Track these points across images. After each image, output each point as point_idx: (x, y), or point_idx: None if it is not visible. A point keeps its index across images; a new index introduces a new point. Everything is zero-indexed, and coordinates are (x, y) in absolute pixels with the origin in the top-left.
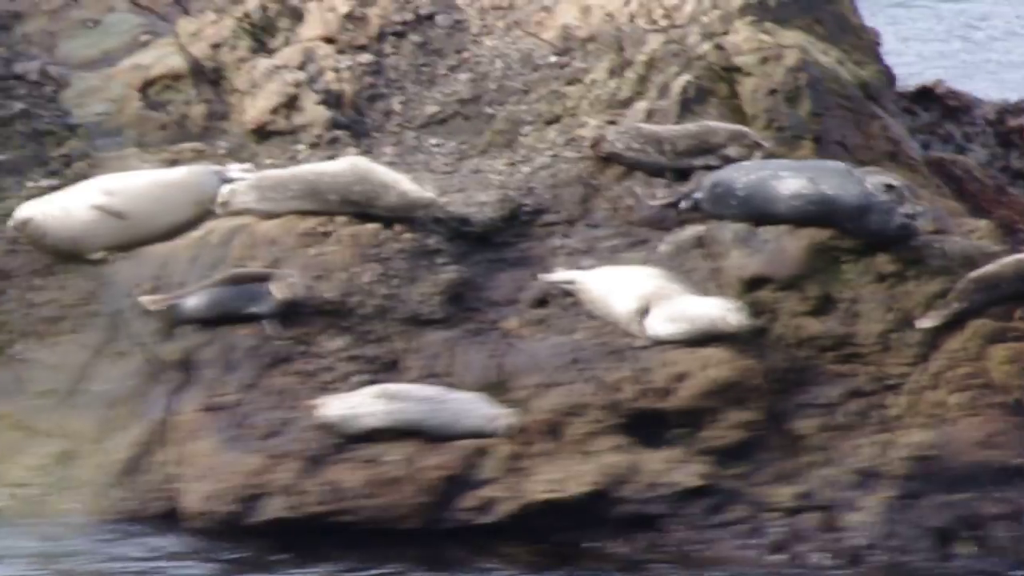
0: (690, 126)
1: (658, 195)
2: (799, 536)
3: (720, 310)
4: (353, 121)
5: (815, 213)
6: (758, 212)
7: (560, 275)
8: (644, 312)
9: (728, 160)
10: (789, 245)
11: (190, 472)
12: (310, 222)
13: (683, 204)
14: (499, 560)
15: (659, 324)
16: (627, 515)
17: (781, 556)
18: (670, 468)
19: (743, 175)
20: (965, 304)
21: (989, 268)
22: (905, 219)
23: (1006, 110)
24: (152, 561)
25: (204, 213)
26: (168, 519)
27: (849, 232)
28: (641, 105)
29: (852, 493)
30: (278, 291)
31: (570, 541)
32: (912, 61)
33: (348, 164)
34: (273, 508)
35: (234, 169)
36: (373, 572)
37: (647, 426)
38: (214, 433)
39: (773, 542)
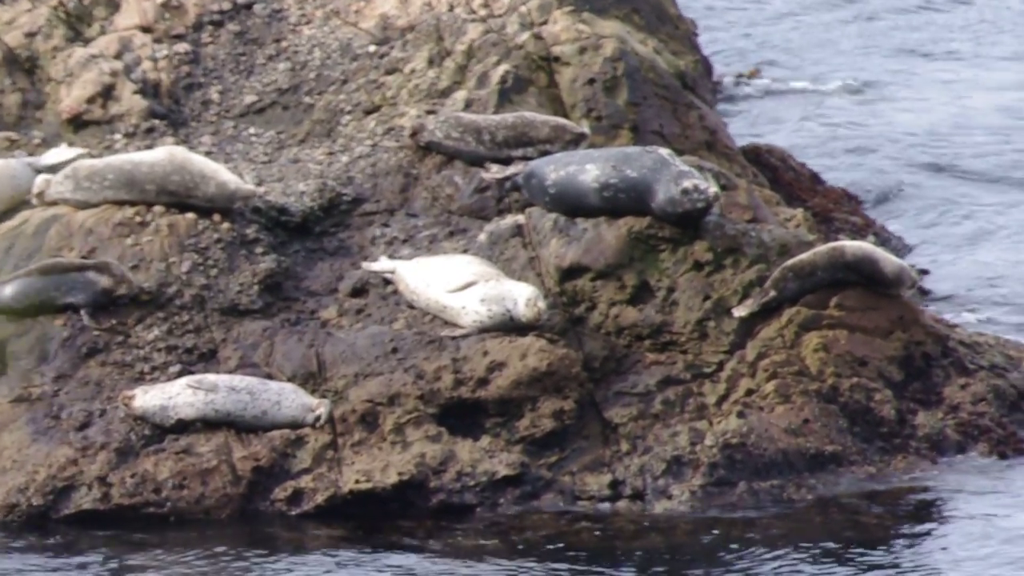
0: (510, 117)
1: (492, 169)
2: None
3: (520, 297)
4: (170, 110)
5: (623, 200)
6: (570, 206)
7: (379, 264)
8: (462, 298)
9: (547, 153)
10: (606, 234)
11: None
12: (127, 212)
13: (508, 185)
14: (315, 542)
15: (472, 307)
16: (441, 504)
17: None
18: (484, 457)
19: (552, 171)
20: (780, 292)
21: (804, 256)
22: (690, 187)
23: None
24: None
25: (18, 203)
26: None
27: (651, 212)
28: (460, 94)
29: (665, 481)
30: (107, 281)
31: (385, 526)
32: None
33: (166, 154)
34: (82, 501)
35: (51, 155)
36: (190, 555)
37: (464, 415)
38: (26, 425)
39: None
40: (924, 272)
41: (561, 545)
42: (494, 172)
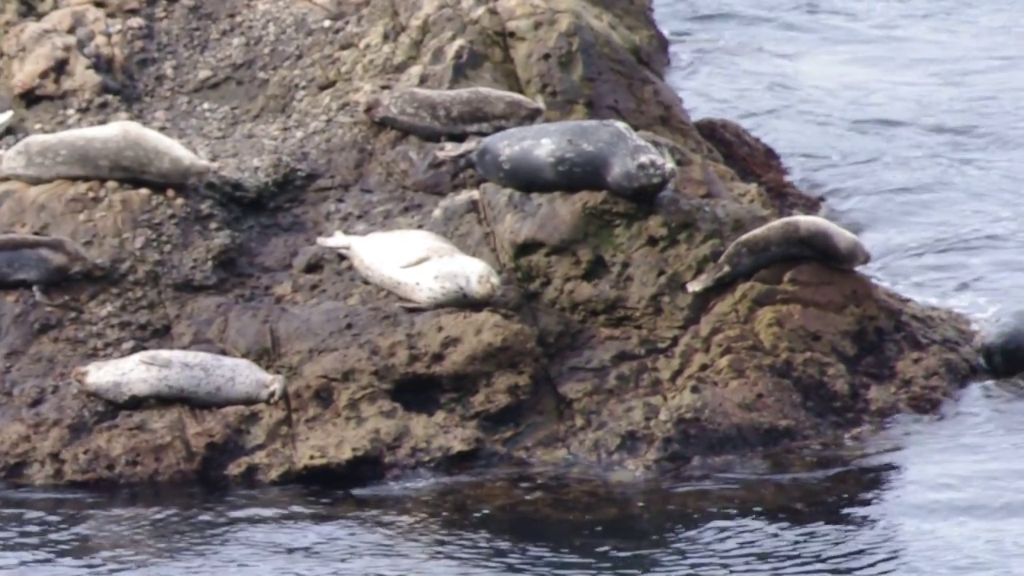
0: (465, 92)
1: (447, 147)
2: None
3: (472, 273)
4: (124, 85)
5: (578, 175)
6: (525, 181)
7: (334, 240)
8: (416, 274)
9: (502, 129)
10: (561, 209)
11: None
12: (80, 187)
13: (462, 162)
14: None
15: (426, 283)
16: (395, 479)
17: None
18: (439, 433)
19: (506, 146)
20: (734, 267)
21: (758, 232)
22: (647, 162)
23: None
24: None
25: None
26: None
27: (606, 187)
28: (415, 70)
29: (619, 455)
30: (61, 259)
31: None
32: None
33: (119, 129)
34: (35, 477)
35: None
36: (145, 522)
37: (419, 391)
38: None
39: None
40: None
41: (514, 516)
42: (448, 150)
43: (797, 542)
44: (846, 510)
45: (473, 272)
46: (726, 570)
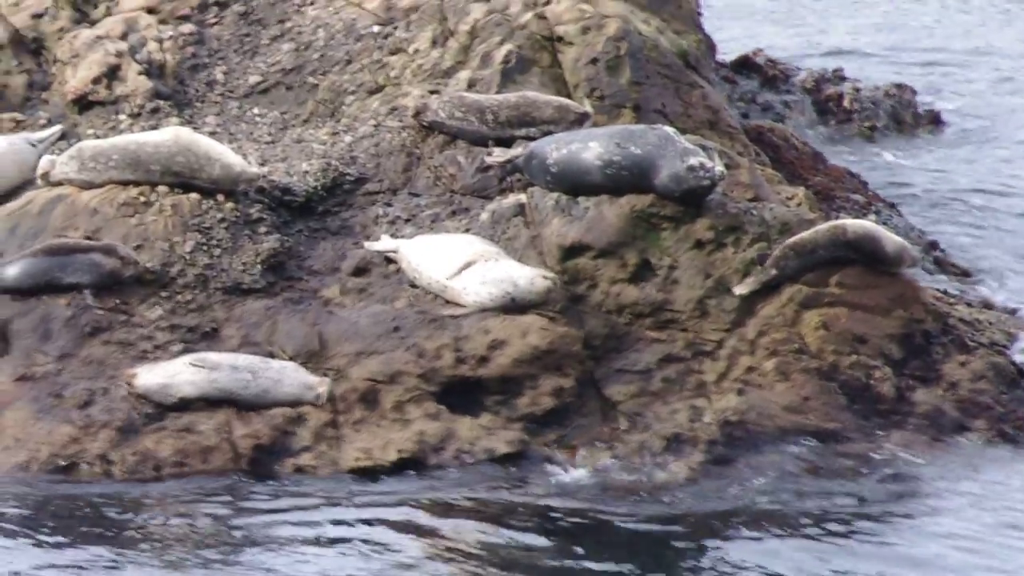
0: (512, 97)
1: (494, 153)
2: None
3: (523, 279)
4: (175, 91)
5: (626, 178)
6: (572, 184)
7: (382, 244)
8: (463, 278)
9: (549, 133)
10: (608, 213)
11: (1, 443)
12: (131, 192)
13: (509, 167)
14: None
15: (473, 287)
16: (442, 479)
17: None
18: (484, 435)
19: (554, 150)
20: (781, 270)
21: (804, 235)
22: (696, 164)
23: (823, 78)
24: None
25: (25, 183)
26: None
27: (654, 190)
28: (463, 74)
29: (664, 457)
30: (113, 264)
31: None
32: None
33: (171, 135)
34: (84, 478)
35: (39, 133)
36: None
37: (464, 393)
38: (29, 403)
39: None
40: (934, 245)
41: (559, 518)
42: (496, 156)
43: (839, 546)
44: (891, 516)
45: (523, 276)
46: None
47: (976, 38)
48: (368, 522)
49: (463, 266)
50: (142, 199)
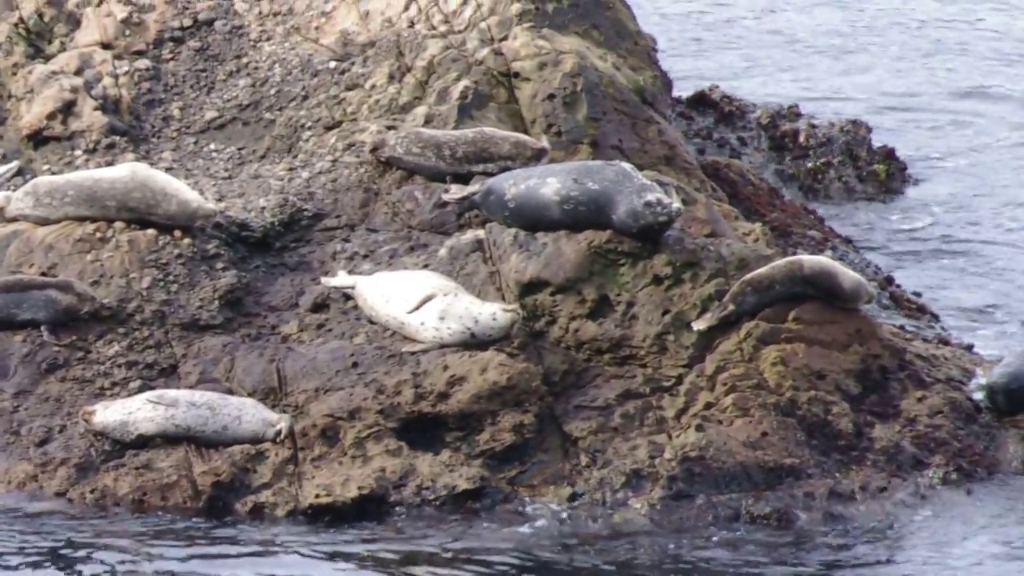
0: (470, 132)
1: (451, 189)
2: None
3: (484, 315)
4: (131, 126)
5: (583, 213)
6: (530, 220)
7: (339, 280)
8: (421, 314)
9: (507, 169)
10: (566, 248)
11: None
12: (87, 228)
13: (466, 203)
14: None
15: (432, 323)
16: (402, 516)
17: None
18: (444, 471)
19: (511, 186)
20: (739, 306)
21: (762, 271)
22: (653, 200)
23: (779, 115)
24: None
25: None
26: None
27: (611, 226)
28: (421, 110)
29: (624, 494)
30: (69, 300)
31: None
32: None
33: (127, 170)
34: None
35: None
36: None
37: (424, 430)
38: None
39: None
40: (890, 280)
41: (518, 556)
42: (453, 192)
43: None
44: (851, 551)
45: (484, 312)
46: None
47: (929, 78)
48: (326, 559)
49: (421, 301)
50: (98, 235)
